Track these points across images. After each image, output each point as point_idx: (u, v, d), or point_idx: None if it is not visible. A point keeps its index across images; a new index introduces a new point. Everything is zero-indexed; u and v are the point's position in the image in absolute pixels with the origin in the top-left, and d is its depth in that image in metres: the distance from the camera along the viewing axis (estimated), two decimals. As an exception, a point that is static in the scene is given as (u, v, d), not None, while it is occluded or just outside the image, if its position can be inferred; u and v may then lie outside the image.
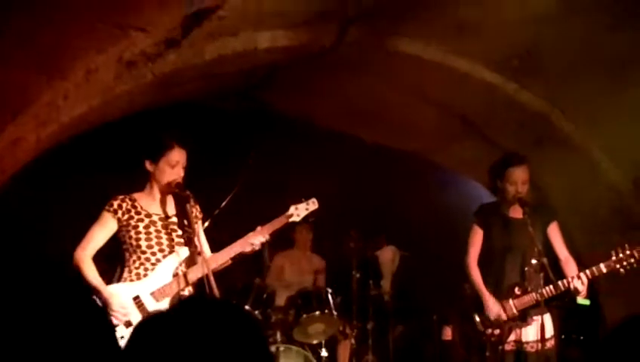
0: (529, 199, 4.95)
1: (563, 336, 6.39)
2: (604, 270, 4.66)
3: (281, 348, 6.31)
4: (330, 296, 6.51)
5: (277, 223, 4.57)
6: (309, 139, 7.39)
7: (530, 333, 4.84)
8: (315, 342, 6.58)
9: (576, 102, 5.28)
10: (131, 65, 4.48)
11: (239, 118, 7.14)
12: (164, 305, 4.24)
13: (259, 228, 4.49)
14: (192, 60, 5.01)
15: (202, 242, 4.48)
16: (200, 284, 4.30)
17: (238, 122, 7.18)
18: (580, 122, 5.47)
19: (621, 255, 4.64)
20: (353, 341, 7.07)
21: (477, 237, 5.11)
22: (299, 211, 4.66)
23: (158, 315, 1.49)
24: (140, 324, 1.49)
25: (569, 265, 4.89)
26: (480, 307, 4.99)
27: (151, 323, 1.47)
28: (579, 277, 4.68)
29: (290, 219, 4.65)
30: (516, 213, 4.96)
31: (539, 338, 4.74)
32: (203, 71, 5.34)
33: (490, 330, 4.93)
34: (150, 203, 4.40)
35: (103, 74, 4.28)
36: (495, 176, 5.01)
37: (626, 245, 4.67)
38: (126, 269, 4.34)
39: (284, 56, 5.52)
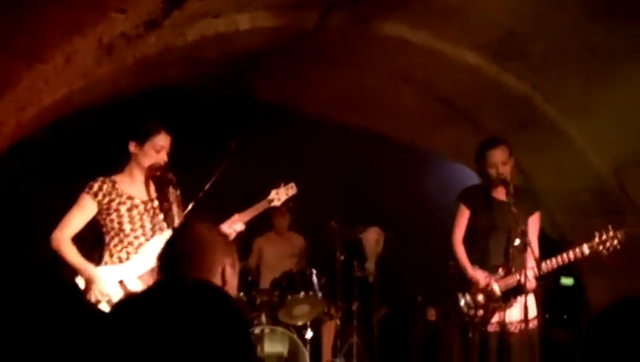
0: (513, 181, 4.95)
1: (547, 316, 6.44)
2: (587, 251, 4.68)
3: (266, 330, 6.33)
4: (314, 278, 6.54)
5: (259, 207, 4.67)
6: (293, 126, 7.39)
7: (513, 314, 4.87)
8: (300, 323, 6.61)
9: (561, 87, 5.28)
10: (112, 48, 4.41)
11: (223, 105, 7.11)
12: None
13: (236, 215, 4.54)
14: (173, 42, 4.96)
15: None
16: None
17: (222, 110, 7.15)
18: (564, 107, 5.48)
19: (604, 236, 4.65)
20: (338, 322, 7.10)
21: (463, 217, 5.12)
22: (279, 196, 4.76)
23: (134, 297, 1.49)
24: (118, 306, 1.49)
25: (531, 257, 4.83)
26: (464, 287, 5.00)
27: (127, 305, 1.46)
28: (560, 258, 4.70)
29: (272, 204, 4.75)
30: (500, 194, 4.97)
31: (522, 318, 4.77)
32: (185, 54, 5.29)
33: (473, 311, 4.95)
34: (131, 185, 4.38)
35: (83, 57, 4.22)
36: (477, 161, 5.03)
37: (609, 226, 4.68)
38: (106, 253, 4.32)
39: (267, 40, 5.48)
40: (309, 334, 6.60)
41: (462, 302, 4.98)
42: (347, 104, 6.94)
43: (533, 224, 5.00)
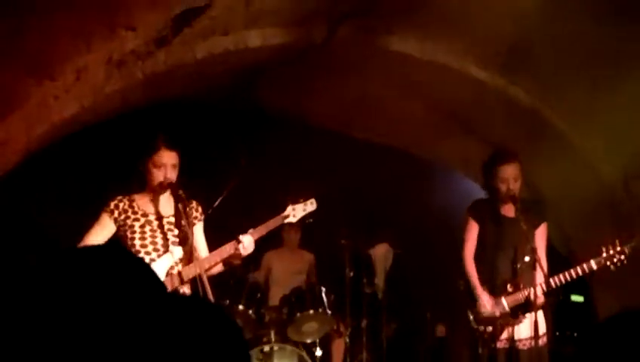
0: (521, 196, 4.92)
1: (557, 333, 6.39)
2: (595, 267, 4.63)
3: (275, 348, 6.30)
4: (323, 294, 6.50)
5: (272, 224, 4.48)
6: (301, 138, 7.38)
7: (522, 330, 4.83)
8: (309, 340, 6.57)
9: (567, 97, 5.27)
10: (121, 65, 4.46)
11: (232, 117, 7.13)
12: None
13: (251, 230, 4.39)
14: (182, 59, 5.00)
15: (199, 242, 4.46)
16: (195, 284, 4.27)
17: (231, 121, 7.17)
18: (572, 118, 5.46)
19: (611, 251, 4.60)
20: (347, 339, 7.06)
21: (473, 232, 5.08)
22: (295, 212, 4.56)
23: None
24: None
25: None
26: (473, 304, 4.98)
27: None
28: (568, 274, 4.66)
29: (286, 220, 4.57)
30: (508, 211, 4.94)
31: (531, 335, 4.72)
32: (194, 70, 5.32)
33: (482, 327, 4.92)
34: (147, 202, 4.38)
35: (93, 74, 4.27)
36: (486, 174, 4.99)
37: (617, 241, 4.62)
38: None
39: (276, 55, 5.51)
40: (318, 352, 6.55)
41: (471, 318, 4.95)
42: (354, 117, 6.95)
43: (541, 235, 4.95)
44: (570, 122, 5.51)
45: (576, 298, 6.69)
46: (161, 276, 4.28)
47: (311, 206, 4.62)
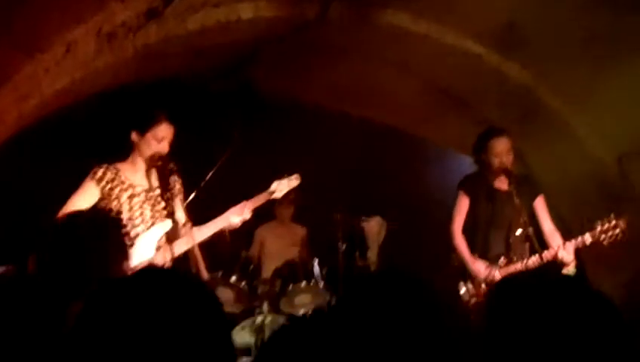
0: (514, 170, 4.92)
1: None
2: (589, 240, 4.60)
3: (268, 319, 6.33)
4: (316, 267, 6.54)
5: (260, 199, 4.61)
6: (295, 117, 7.36)
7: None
8: (301, 312, 6.61)
9: (563, 77, 5.23)
10: (112, 38, 4.41)
11: (225, 97, 7.08)
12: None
13: (241, 204, 4.49)
14: (174, 31, 4.94)
15: (181, 217, 4.47)
16: (185, 258, 4.27)
17: (224, 101, 7.13)
18: (567, 97, 5.43)
19: (606, 225, 4.57)
20: (339, 311, 7.09)
21: (463, 206, 5.10)
22: (281, 187, 4.70)
23: (111, 283, 1.51)
24: (95, 292, 1.51)
25: (554, 238, 4.86)
26: (465, 276, 5.00)
27: (104, 292, 1.49)
28: (564, 247, 4.64)
29: (273, 196, 4.70)
30: (501, 184, 4.96)
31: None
32: (186, 44, 5.27)
33: (474, 299, 4.95)
34: (133, 174, 4.35)
35: (83, 46, 4.22)
36: (479, 150, 4.98)
37: (612, 215, 4.60)
38: (106, 241, 4.30)
39: (269, 30, 5.45)
40: (310, 323, 6.57)
41: (462, 291, 4.98)
42: (348, 94, 6.91)
43: (541, 208, 4.96)
44: (565, 101, 5.49)
45: (568, 271, 6.70)
46: (151, 249, 4.27)
47: (295, 181, 4.76)
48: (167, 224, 4.31)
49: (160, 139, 4.27)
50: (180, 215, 4.38)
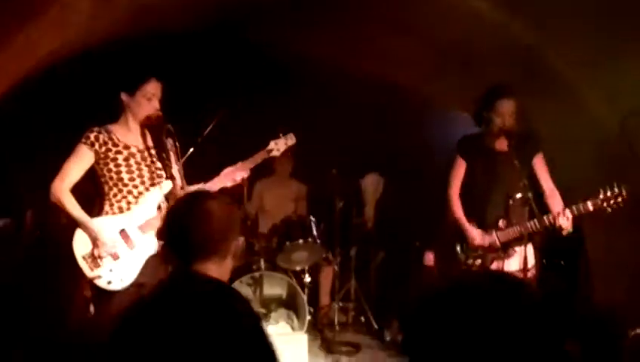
0: (515, 131, 4.83)
1: (544, 261, 6.44)
2: (591, 208, 4.52)
3: (265, 275, 6.36)
4: (313, 224, 6.55)
5: (257, 158, 4.68)
6: (293, 74, 7.28)
7: (512, 264, 4.85)
8: (298, 268, 6.65)
9: (568, 37, 5.12)
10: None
11: (225, 53, 6.97)
12: (150, 237, 4.24)
13: (239, 163, 4.56)
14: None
15: (178, 177, 4.47)
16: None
17: (225, 58, 7.02)
18: (571, 58, 5.33)
19: (608, 193, 4.49)
20: (336, 267, 7.14)
21: (460, 170, 5.05)
22: (278, 146, 4.79)
23: (143, 305, 1.49)
24: (128, 314, 1.50)
25: (554, 198, 4.82)
26: (462, 238, 4.99)
27: (137, 313, 1.47)
28: (564, 213, 4.57)
29: (271, 154, 4.78)
30: (501, 145, 4.89)
31: (521, 268, 4.74)
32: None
33: (471, 260, 4.95)
34: (127, 134, 4.34)
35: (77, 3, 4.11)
36: (483, 107, 4.87)
37: (614, 183, 4.51)
38: (106, 203, 4.30)
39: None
40: (307, 278, 6.63)
41: (458, 249, 4.98)
42: (347, 50, 6.81)
43: (540, 166, 4.89)
44: (568, 62, 5.38)
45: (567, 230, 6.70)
46: (152, 209, 4.28)
47: (291, 140, 4.85)
48: (167, 184, 4.35)
49: (150, 97, 4.28)
50: (177, 175, 4.38)
